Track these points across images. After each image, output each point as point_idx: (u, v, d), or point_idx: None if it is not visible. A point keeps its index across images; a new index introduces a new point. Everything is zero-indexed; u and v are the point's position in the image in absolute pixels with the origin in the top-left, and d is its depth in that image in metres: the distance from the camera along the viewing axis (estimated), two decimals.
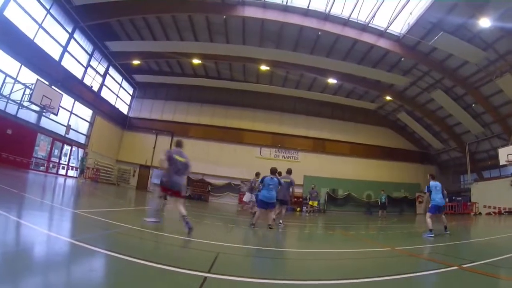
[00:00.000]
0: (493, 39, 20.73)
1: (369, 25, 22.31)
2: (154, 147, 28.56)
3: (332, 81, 25.84)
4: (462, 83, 25.34)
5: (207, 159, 27.25)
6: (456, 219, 18.75)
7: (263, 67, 24.43)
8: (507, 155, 23.80)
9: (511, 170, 26.83)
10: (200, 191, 26.77)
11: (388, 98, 30.36)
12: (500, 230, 10.97)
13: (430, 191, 9.09)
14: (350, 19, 22.01)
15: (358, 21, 22.29)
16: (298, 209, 27.30)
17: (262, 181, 8.23)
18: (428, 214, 9.00)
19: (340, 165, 30.40)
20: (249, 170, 28.22)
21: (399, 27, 22.60)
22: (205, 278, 2.71)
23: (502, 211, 22.54)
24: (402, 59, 24.93)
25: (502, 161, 24.27)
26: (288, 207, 10.36)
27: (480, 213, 23.86)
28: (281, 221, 9.38)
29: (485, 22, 18.59)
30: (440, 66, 24.79)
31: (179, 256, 4.01)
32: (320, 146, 30.73)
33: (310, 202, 22.86)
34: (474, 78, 24.61)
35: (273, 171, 8.22)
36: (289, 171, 10.31)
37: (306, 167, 29.19)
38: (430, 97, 28.20)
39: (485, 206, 24.68)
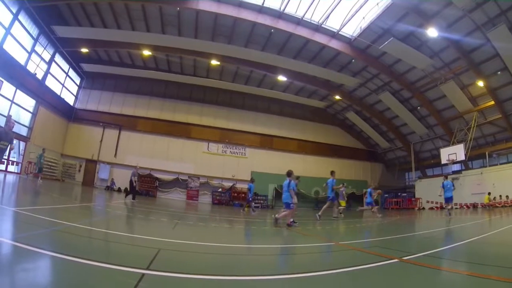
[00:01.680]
0: (440, 48, 23.19)
1: (322, 25, 23.39)
2: (101, 141, 29.03)
3: (282, 78, 27.40)
4: (409, 87, 28.01)
5: (155, 154, 28.76)
6: (401, 213, 21.80)
7: (214, 62, 25.50)
8: (448, 154, 27.82)
9: (452, 168, 31.30)
10: (148, 186, 27.70)
11: (337, 97, 32.36)
12: (440, 224, 12.23)
13: None
14: (303, 18, 22.88)
15: (312, 21, 23.26)
16: (247, 205, 29.31)
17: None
18: None
19: (288, 162, 30.96)
20: (197, 165, 29.80)
21: (351, 30, 23.97)
22: (143, 274, 2.82)
23: (444, 206, 26.71)
24: (353, 60, 26.59)
25: (443, 160, 28.40)
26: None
27: (423, 208, 27.69)
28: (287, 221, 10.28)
29: (433, 32, 20.55)
30: (389, 70, 27.00)
31: (119, 253, 4.12)
32: (268, 142, 32.60)
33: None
34: (420, 83, 27.34)
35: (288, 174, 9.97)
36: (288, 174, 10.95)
37: (254, 163, 31.29)
38: (378, 99, 30.65)
39: (428, 202, 28.57)
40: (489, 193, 25.00)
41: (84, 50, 27.13)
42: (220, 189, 30.81)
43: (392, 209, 30.87)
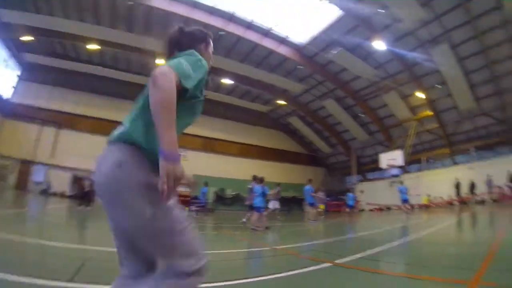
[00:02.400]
0: (385, 60, 25.36)
1: (272, 31, 24.03)
2: (37, 139, 27.11)
3: (227, 81, 27.94)
4: (353, 95, 30.16)
5: (95, 156, 25.95)
6: (340, 216, 23.09)
7: (161, 62, 23.67)
8: (387, 160, 30.47)
9: (391, 173, 34.37)
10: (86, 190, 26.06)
11: (281, 102, 33.57)
12: (378, 225, 12.92)
13: None
14: (254, 22, 23.34)
15: (262, 26, 23.78)
16: (187, 208, 29.14)
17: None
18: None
19: (230, 165, 33.11)
20: None
21: (301, 37, 24.92)
22: None
23: (383, 208, 29.00)
24: (299, 67, 27.71)
25: (383, 165, 30.99)
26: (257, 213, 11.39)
27: (363, 210, 30.16)
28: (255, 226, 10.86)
29: (380, 45, 22.34)
30: (334, 78, 28.79)
31: (43, 264, 3.97)
32: (210, 145, 32.92)
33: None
34: (364, 92, 29.67)
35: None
36: (253, 178, 12.48)
37: (195, 166, 31.03)
38: (322, 105, 32.42)
39: (368, 204, 30.56)
40: (428, 196, 28.42)
41: (26, 38, 24.89)
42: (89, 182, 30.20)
43: (333, 212, 32.95)
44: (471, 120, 27.63)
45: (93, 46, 25.33)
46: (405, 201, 18.76)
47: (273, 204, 17.71)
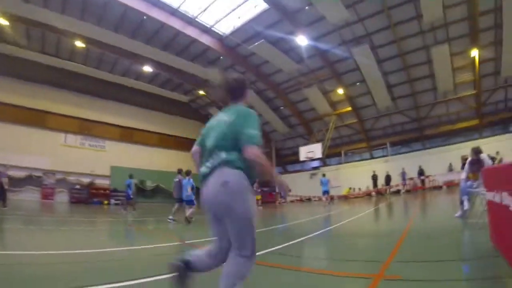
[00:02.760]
0: (307, 56, 25.58)
1: (196, 19, 22.90)
2: None
3: (147, 69, 26.79)
4: (274, 88, 30.25)
5: (4, 146, 24.89)
6: (266, 207, 23.41)
7: (79, 44, 23.26)
8: (307, 152, 31.38)
9: (311, 165, 35.67)
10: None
11: (201, 92, 32.59)
12: (296, 217, 13.18)
13: None
14: (179, 9, 21.95)
15: (187, 13, 22.55)
16: (106, 202, 28.18)
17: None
18: None
19: (148, 156, 32.41)
20: (54, 159, 26.05)
21: (224, 28, 24.11)
22: None
23: (303, 199, 30.85)
24: (221, 57, 26.94)
25: (302, 157, 31.87)
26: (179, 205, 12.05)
27: (285, 201, 31.05)
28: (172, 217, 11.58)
29: (303, 40, 22.41)
30: (256, 70, 28.49)
31: None
32: (128, 135, 31.70)
33: None
34: (285, 85, 29.91)
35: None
36: (178, 172, 12.50)
37: (114, 157, 30.53)
38: None
39: (289, 195, 32.05)
40: (349, 188, 30.44)
41: None
42: (78, 186, 28.08)
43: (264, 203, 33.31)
44: (388, 117, 29.57)
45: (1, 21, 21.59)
46: (325, 192, 20.31)
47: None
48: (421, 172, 25.95)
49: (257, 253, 4.18)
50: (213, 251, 2.39)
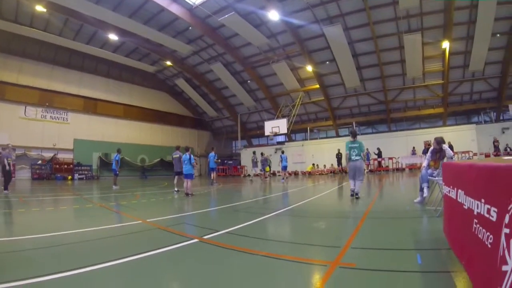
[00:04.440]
0: (278, 31, 25.84)
1: None
2: None
3: (113, 37, 26.16)
4: (242, 61, 30.21)
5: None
6: (226, 181, 23.28)
7: (40, 8, 22.03)
8: (272, 127, 31.85)
9: (277, 139, 36.33)
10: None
11: (168, 63, 32.02)
12: (257, 194, 13.18)
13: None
14: None
15: None
16: (70, 177, 27.97)
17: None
18: None
19: (113, 128, 32.44)
20: (13, 133, 24.96)
21: None
22: None
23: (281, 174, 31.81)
24: (190, 28, 26.62)
25: (267, 132, 32.17)
26: (179, 177, 13.44)
27: (249, 175, 31.73)
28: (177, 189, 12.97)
29: (274, 15, 22.53)
30: (225, 42, 28.24)
31: None
32: (92, 106, 31.26)
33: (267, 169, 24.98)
34: (253, 59, 29.93)
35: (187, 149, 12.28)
36: (177, 148, 13.95)
37: (77, 129, 29.74)
38: (210, 68, 31.84)
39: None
40: (313, 164, 31.27)
41: None
42: (40, 161, 27.23)
43: (219, 176, 33.79)
44: (355, 97, 30.49)
45: None
46: (284, 168, 21.20)
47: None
48: (379, 154, 26.91)
49: (214, 234, 4.92)
50: (354, 182, 9.09)
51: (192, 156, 12.06)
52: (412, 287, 2.79)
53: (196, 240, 4.57)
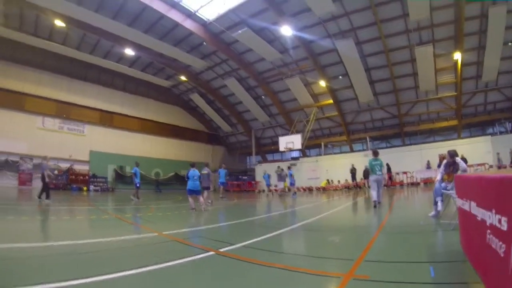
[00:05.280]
0: (291, 46, 25.96)
1: (180, 3, 22.80)
2: None
3: (129, 52, 26.60)
4: (255, 76, 30.45)
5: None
6: (240, 196, 23.60)
7: (59, 23, 22.74)
8: (286, 142, 31.72)
9: (291, 155, 36.40)
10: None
11: (183, 78, 32.55)
12: (276, 208, 13.46)
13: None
14: None
15: None
16: (85, 188, 28.14)
17: (187, 174, 11.60)
18: None
19: (128, 141, 32.59)
20: (31, 143, 25.56)
21: (209, 13, 24.05)
22: None
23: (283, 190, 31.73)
24: (204, 43, 27.02)
25: (281, 148, 32.03)
26: (209, 191, 14.54)
27: (263, 191, 31.56)
28: (209, 201, 14.22)
29: (287, 31, 22.72)
30: (238, 58, 28.58)
31: None
32: (108, 119, 31.51)
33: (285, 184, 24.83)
34: (267, 74, 30.16)
35: (192, 165, 12.01)
36: (206, 164, 15.71)
37: (93, 141, 29.97)
38: (224, 83, 32.19)
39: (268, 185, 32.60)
40: (327, 180, 31.11)
41: None
42: (56, 171, 27.40)
43: (234, 191, 33.80)
44: (369, 112, 30.43)
45: None
46: (291, 184, 21.93)
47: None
48: (388, 169, 25.50)
49: (230, 247, 4.98)
50: (377, 192, 10.46)
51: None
52: None
53: (212, 252, 4.60)
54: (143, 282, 3.32)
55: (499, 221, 2.17)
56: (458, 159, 7.21)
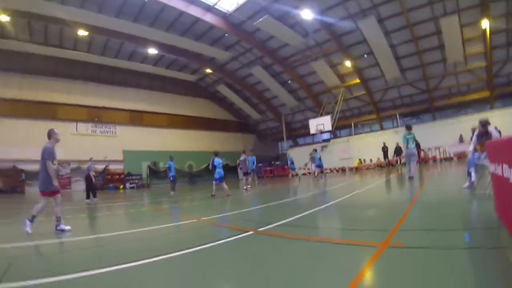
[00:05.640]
0: (313, 29, 25.74)
1: None
2: None
3: (152, 51, 27.38)
4: (280, 62, 30.41)
5: (16, 141, 25.44)
6: (274, 181, 24.30)
7: (82, 33, 23.83)
8: (316, 125, 31.77)
9: (322, 137, 36.20)
10: (13, 181, 25.01)
11: (208, 70, 32.97)
12: (306, 190, 13.57)
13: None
14: None
15: None
16: (122, 186, 29.35)
17: (212, 163, 12.13)
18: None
19: (159, 137, 33.34)
20: (67, 149, 26.13)
21: (228, 5, 24.15)
22: None
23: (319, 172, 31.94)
24: (226, 35, 27.16)
25: (312, 130, 32.23)
26: (247, 177, 16.14)
27: (297, 174, 31.65)
28: (246, 187, 15.25)
29: (307, 14, 22.57)
30: (262, 45, 28.58)
31: None
32: (138, 118, 32.51)
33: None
34: (292, 59, 30.02)
35: (216, 153, 12.54)
36: (244, 151, 16.59)
37: (125, 141, 30.98)
38: (250, 72, 32.34)
39: (300, 168, 31.61)
40: (359, 159, 31.00)
41: None
42: (93, 173, 28.94)
43: (267, 177, 34.18)
44: (396, 89, 29.80)
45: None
46: (318, 166, 21.57)
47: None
48: (397, 151, 22.73)
49: (268, 226, 5.22)
50: (410, 167, 11.50)
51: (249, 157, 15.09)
52: (463, 262, 2.85)
53: (251, 232, 4.76)
54: (187, 263, 3.56)
55: None
56: (490, 128, 7.01)
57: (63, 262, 4.03)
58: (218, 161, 12.01)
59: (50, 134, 6.86)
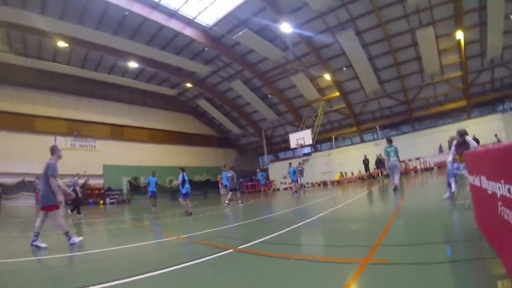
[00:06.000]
0: (292, 43, 25.78)
1: (179, 12, 22.87)
2: None
3: (133, 65, 27.05)
4: (260, 76, 30.47)
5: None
6: (255, 197, 23.32)
7: (62, 44, 23.33)
8: (296, 139, 31.69)
9: (303, 151, 36.21)
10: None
11: (188, 85, 32.71)
12: (290, 204, 13.50)
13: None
14: (160, 2, 21.87)
15: (168, 7, 22.50)
16: (102, 201, 28.42)
17: (182, 179, 12.14)
18: None
19: (140, 152, 32.57)
20: (45, 162, 25.40)
21: (207, 19, 24.12)
22: None
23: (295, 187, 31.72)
24: (206, 49, 27.11)
25: (292, 145, 32.13)
26: (237, 192, 16.98)
27: (278, 189, 31.53)
28: (239, 202, 16.15)
29: (287, 28, 22.63)
30: (242, 59, 28.61)
31: None
32: (119, 133, 31.80)
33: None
34: (271, 73, 30.11)
35: (182, 169, 12.49)
36: (231, 168, 16.95)
37: (105, 156, 30.05)
38: (230, 86, 32.30)
39: (281, 183, 32.35)
40: (341, 172, 30.83)
41: None
42: (72, 188, 27.95)
43: (248, 193, 33.74)
44: (376, 101, 30.18)
45: None
46: (295, 181, 21.68)
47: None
48: (378, 163, 23.20)
49: (248, 244, 5.05)
50: (394, 177, 11.37)
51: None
52: (445, 276, 2.79)
53: (231, 250, 4.68)
54: (167, 282, 3.46)
55: (509, 190, 2.14)
56: (468, 138, 6.98)
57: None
58: (184, 176, 12.17)
59: (54, 151, 6.89)
